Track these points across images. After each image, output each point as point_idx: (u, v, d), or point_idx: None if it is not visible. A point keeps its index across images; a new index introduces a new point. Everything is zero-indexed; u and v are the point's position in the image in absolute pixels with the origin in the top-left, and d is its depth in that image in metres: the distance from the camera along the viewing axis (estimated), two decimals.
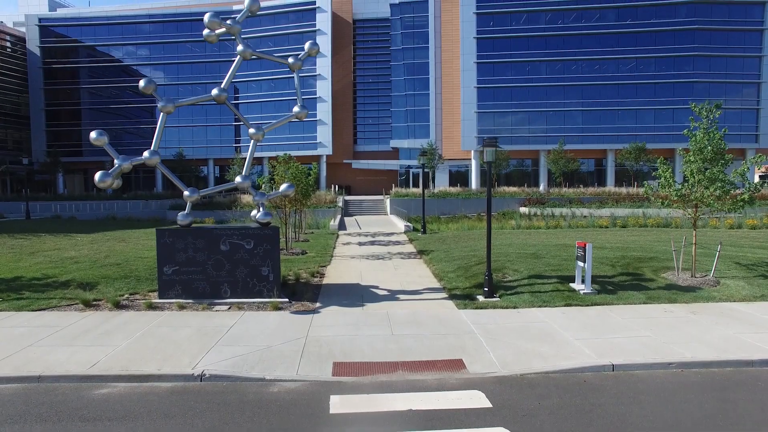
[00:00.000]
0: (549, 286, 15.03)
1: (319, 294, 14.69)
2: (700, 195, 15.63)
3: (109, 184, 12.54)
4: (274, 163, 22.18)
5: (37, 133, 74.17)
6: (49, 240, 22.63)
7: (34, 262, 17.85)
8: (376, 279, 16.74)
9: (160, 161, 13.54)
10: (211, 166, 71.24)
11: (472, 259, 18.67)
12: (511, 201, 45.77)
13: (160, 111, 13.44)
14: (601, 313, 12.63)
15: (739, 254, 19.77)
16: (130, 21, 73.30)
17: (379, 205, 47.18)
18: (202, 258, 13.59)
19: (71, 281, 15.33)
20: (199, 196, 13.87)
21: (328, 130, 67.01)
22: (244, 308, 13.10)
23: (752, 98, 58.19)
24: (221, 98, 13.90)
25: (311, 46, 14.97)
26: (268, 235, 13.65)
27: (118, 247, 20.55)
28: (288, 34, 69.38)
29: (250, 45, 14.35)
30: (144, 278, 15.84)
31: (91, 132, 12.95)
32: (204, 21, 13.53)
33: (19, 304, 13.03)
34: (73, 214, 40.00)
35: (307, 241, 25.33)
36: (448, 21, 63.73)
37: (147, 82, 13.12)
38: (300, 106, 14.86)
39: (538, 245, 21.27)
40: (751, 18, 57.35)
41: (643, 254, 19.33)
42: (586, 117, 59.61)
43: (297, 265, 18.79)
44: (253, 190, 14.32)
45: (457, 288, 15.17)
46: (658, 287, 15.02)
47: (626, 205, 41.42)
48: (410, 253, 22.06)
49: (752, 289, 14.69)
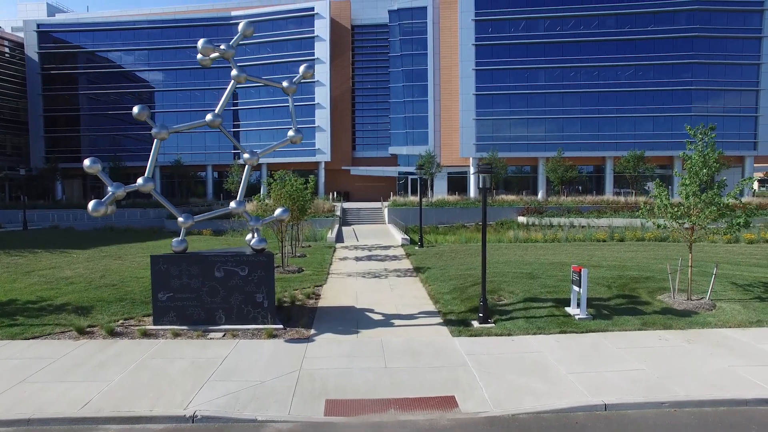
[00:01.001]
0: (544, 311, 15.00)
1: (314, 319, 14.66)
2: (695, 218, 15.62)
3: (102, 212, 12.50)
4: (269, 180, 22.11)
5: (35, 139, 74.21)
6: (45, 257, 22.60)
7: (29, 282, 17.82)
8: (371, 301, 16.71)
9: (154, 188, 13.49)
10: (209, 172, 71.25)
11: (468, 279, 18.64)
12: (509, 210, 45.77)
13: (154, 137, 13.40)
14: (595, 341, 12.60)
15: (736, 273, 19.77)
16: (129, 27, 73.36)
17: (376, 214, 47.16)
18: (197, 284, 13.56)
19: (66, 305, 15.29)
20: (193, 221, 13.84)
21: (326, 137, 67.04)
22: (238, 335, 13.07)
23: (751, 105, 58.24)
24: (215, 123, 13.89)
25: (306, 69, 14.95)
26: (262, 262, 13.63)
27: (114, 266, 20.52)
28: (287, 41, 69.50)
29: (244, 69, 14.30)
30: (139, 301, 15.80)
31: (85, 160, 12.92)
32: (197, 47, 13.49)
33: (12, 332, 12.99)
34: (71, 224, 39.93)
35: (303, 256, 25.30)
36: (447, 28, 63.79)
37: (140, 108, 13.11)
38: (294, 131, 14.84)
39: (534, 263, 21.25)
40: (750, 26, 57.44)
41: (639, 274, 19.32)
42: (585, 124, 59.66)
43: (293, 284, 18.77)
44: (247, 215, 14.31)
45: (452, 312, 15.13)
46: (654, 311, 15.00)
47: (624, 215, 41.44)
48: (406, 270, 22.03)
49: (748, 314, 14.66)
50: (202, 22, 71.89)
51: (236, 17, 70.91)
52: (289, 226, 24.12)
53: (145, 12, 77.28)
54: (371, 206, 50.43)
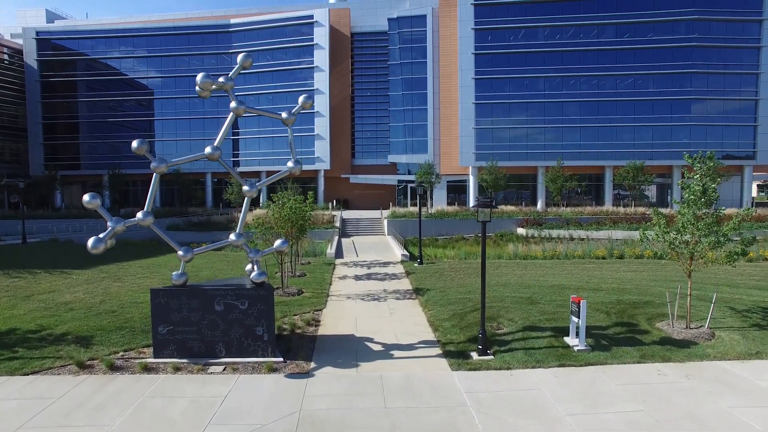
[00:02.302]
0: (543, 341, 15.03)
1: (313, 350, 14.67)
2: (693, 248, 15.66)
3: (102, 249, 12.56)
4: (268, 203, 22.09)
5: (34, 146, 74.25)
6: (44, 279, 22.60)
7: (29, 308, 17.83)
8: (371, 328, 16.73)
9: (154, 222, 13.52)
10: (209, 180, 71.33)
11: (467, 304, 18.67)
12: (509, 222, 45.84)
13: (153, 171, 13.44)
14: (594, 377, 12.61)
15: (735, 297, 19.81)
16: (128, 34, 73.45)
17: (376, 225, 47.21)
18: (197, 318, 13.59)
19: (66, 334, 15.32)
20: (192, 255, 13.88)
21: (326, 145, 67.14)
22: (239, 370, 13.08)
23: (749, 114, 58.35)
24: (214, 156, 13.95)
25: (305, 100, 15.03)
26: (262, 295, 13.66)
27: (114, 289, 20.55)
28: (286, 48, 69.60)
29: (243, 101, 14.35)
30: (139, 330, 15.82)
31: (84, 195, 12.98)
32: (196, 81, 13.54)
33: (11, 366, 12.99)
34: (71, 236, 39.94)
35: (303, 275, 25.31)
36: (446, 36, 63.88)
37: (139, 143, 13.14)
38: (294, 161, 14.87)
39: (533, 286, 21.28)
40: (749, 35, 57.58)
41: (638, 298, 19.36)
42: (584, 133, 59.76)
43: (293, 308, 18.81)
44: (246, 247, 14.35)
45: (451, 342, 15.15)
46: (653, 341, 15.03)
47: (623, 227, 41.51)
48: (406, 292, 22.05)
49: (747, 344, 14.69)
50: (202, 30, 71.98)
51: (235, 24, 71.04)
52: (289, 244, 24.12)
53: (144, 19, 77.37)
54: (370, 216, 50.47)
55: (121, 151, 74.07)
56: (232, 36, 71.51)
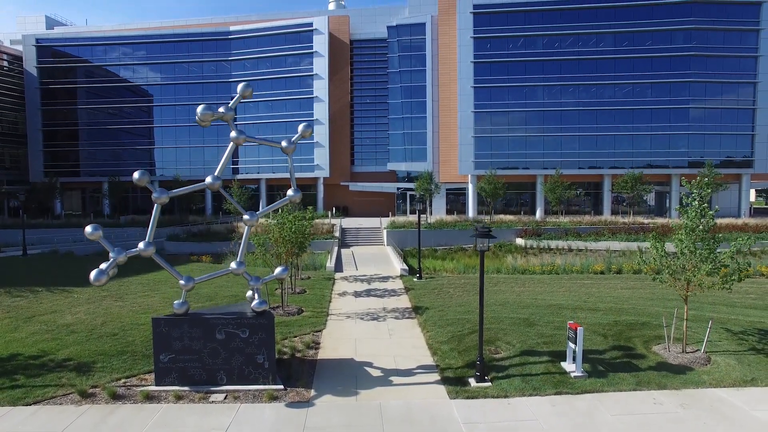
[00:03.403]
0: (540, 366, 15.18)
1: (314, 375, 14.81)
2: (691, 275, 15.82)
3: (104, 281, 12.75)
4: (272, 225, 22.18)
5: (34, 153, 74.38)
6: (45, 298, 22.72)
7: (31, 331, 17.96)
8: (370, 351, 16.87)
9: (155, 252, 13.70)
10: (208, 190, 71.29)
11: (465, 325, 18.83)
12: (508, 232, 46.02)
13: (154, 202, 13.63)
14: (590, 407, 12.76)
15: (731, 317, 19.97)
16: (128, 41, 73.68)
17: (375, 235, 47.37)
18: (198, 346, 13.75)
19: (68, 360, 15.45)
20: (194, 284, 14.04)
21: (325, 153, 67.34)
22: (240, 398, 13.23)
23: (747, 123, 58.61)
24: (215, 186, 14.19)
25: (304, 128, 15.18)
26: (263, 324, 13.82)
27: (115, 309, 20.68)
28: (285, 56, 69.79)
29: (244, 131, 14.51)
30: (140, 354, 15.95)
31: (86, 227, 13.18)
32: (196, 113, 13.72)
33: (14, 395, 13.12)
34: (71, 248, 40.03)
35: (303, 292, 25.45)
36: (446, 44, 64.12)
37: (141, 174, 13.35)
38: (293, 190, 15.04)
39: (531, 306, 21.43)
40: (746, 45, 57.88)
41: (635, 319, 19.53)
42: (583, 142, 59.99)
43: (293, 329, 18.94)
44: (247, 275, 14.51)
45: (449, 367, 15.31)
46: (649, 367, 15.19)
47: (622, 238, 41.71)
48: (405, 310, 22.20)
49: (743, 370, 14.84)
50: (201, 37, 72.17)
51: (235, 32, 71.24)
52: (289, 261, 24.27)
53: (144, 26, 77.58)
54: (370, 226, 50.62)
55: (120, 158, 74.24)
56: (232, 43, 71.71)
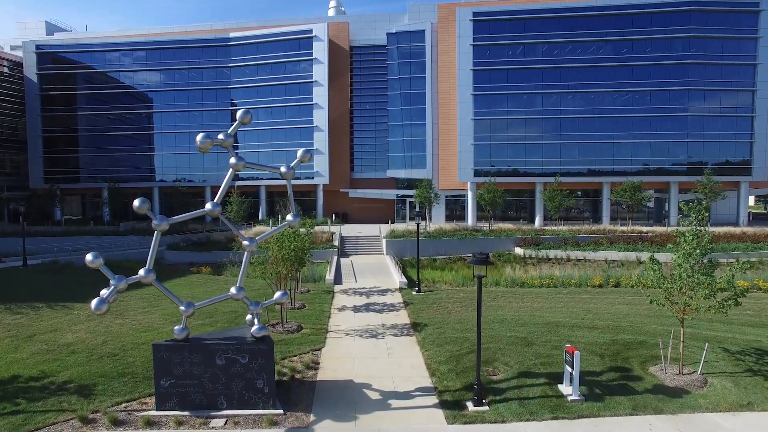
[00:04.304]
0: (538, 389, 15.30)
1: (313, 398, 14.92)
2: (687, 299, 15.95)
3: (105, 309, 12.86)
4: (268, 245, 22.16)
5: (34, 159, 74.40)
6: (46, 315, 22.80)
7: (31, 351, 18.07)
8: (369, 372, 16.97)
9: (156, 278, 13.82)
10: (208, 194, 71.43)
11: (464, 344, 18.95)
12: (507, 241, 46.13)
13: (154, 229, 13.75)
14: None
15: (728, 335, 20.10)
16: (127, 47, 73.74)
17: (375, 244, 47.46)
18: (199, 372, 13.87)
19: (68, 383, 15.56)
20: (194, 310, 14.15)
21: (325, 160, 67.44)
22: (240, 423, 13.35)
23: (746, 131, 58.74)
24: (215, 213, 14.30)
25: (303, 154, 15.27)
26: (263, 350, 13.94)
27: (115, 327, 20.78)
28: (285, 62, 69.90)
29: (243, 158, 14.62)
30: (141, 376, 16.06)
31: (87, 255, 13.33)
32: (196, 141, 13.81)
33: (15, 422, 13.21)
34: (71, 258, 40.13)
35: (303, 307, 25.55)
36: (445, 51, 64.24)
37: (141, 203, 13.46)
38: (293, 215, 15.17)
39: (529, 324, 21.53)
40: (744, 52, 58.05)
41: (632, 338, 19.65)
42: (582, 149, 60.09)
43: (292, 348, 19.05)
44: (247, 300, 14.61)
45: (447, 390, 15.43)
46: (646, 389, 15.32)
47: (620, 248, 41.81)
48: (404, 327, 22.29)
49: (739, 394, 14.96)
50: (201, 44, 72.26)
51: (235, 38, 71.33)
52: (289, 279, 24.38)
53: (144, 32, 77.67)
54: (369, 234, 50.70)
55: (120, 164, 74.33)
56: (231, 50, 71.79)
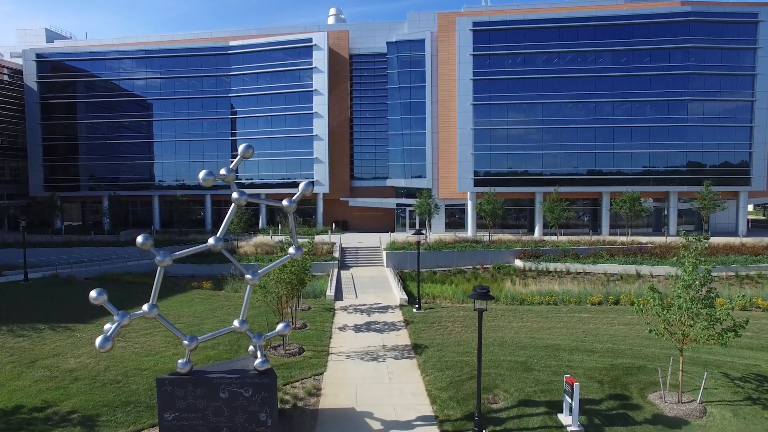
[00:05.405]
0: (537, 419, 15.43)
1: (315, 429, 15.04)
2: (687, 330, 16.09)
3: (110, 347, 13.02)
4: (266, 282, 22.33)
5: (34, 168, 74.49)
6: (48, 338, 22.86)
7: (34, 378, 18.17)
8: (370, 399, 17.09)
9: (158, 314, 13.96)
10: (208, 202, 71.62)
11: (464, 369, 19.08)
12: (507, 253, 46.22)
13: (157, 265, 13.88)
14: None
15: (727, 359, 20.23)
16: (127, 56, 73.88)
17: (375, 255, 47.58)
18: (202, 405, 13.98)
19: (72, 413, 15.67)
20: (197, 344, 14.26)
21: (324, 168, 67.56)
22: None
23: (744, 141, 58.93)
24: (216, 248, 14.48)
25: (305, 187, 15.37)
26: (266, 384, 14.05)
27: (117, 351, 20.84)
28: (285, 71, 70.07)
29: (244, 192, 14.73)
30: (144, 405, 16.18)
31: (91, 291, 13.45)
32: (199, 178, 13.97)
33: None
34: (71, 271, 40.27)
35: (304, 326, 25.66)
36: (445, 61, 64.43)
37: (144, 239, 13.60)
38: (295, 248, 15.30)
39: (528, 347, 21.64)
40: (743, 63, 58.29)
41: (632, 362, 19.77)
42: (582, 159, 60.27)
43: (294, 372, 19.18)
44: (250, 332, 14.73)
45: (448, 419, 15.55)
46: (645, 419, 15.45)
47: (620, 261, 41.93)
48: (404, 348, 22.41)
49: (738, 424, 15.09)
50: (201, 52, 72.41)
51: (234, 47, 71.50)
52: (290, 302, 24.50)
53: (144, 41, 77.82)
54: (369, 245, 50.83)
55: (120, 172, 74.44)
56: (231, 58, 71.95)
